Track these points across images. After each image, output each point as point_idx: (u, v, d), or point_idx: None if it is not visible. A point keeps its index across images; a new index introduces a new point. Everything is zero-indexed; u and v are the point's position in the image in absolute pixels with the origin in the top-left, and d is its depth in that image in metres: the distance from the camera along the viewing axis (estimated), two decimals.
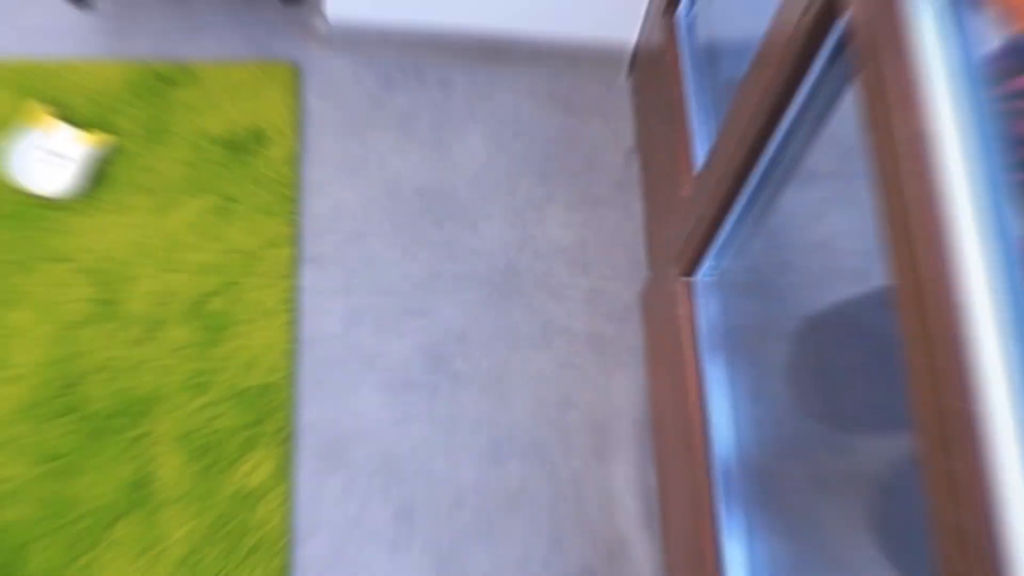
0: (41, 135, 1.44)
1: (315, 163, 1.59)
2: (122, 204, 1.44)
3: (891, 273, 0.68)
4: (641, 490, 1.35)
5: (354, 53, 1.68)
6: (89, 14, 1.55)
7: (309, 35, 1.69)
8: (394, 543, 1.26)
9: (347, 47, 1.67)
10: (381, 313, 1.45)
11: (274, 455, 1.28)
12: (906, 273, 0.66)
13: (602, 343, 1.41)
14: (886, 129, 0.69)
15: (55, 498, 1.26)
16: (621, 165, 1.54)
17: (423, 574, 1.25)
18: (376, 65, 1.66)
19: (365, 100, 1.64)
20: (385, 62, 1.46)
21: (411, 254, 1.36)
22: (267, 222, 1.47)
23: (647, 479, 1.38)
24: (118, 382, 1.30)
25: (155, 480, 1.27)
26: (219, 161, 1.53)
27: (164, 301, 1.36)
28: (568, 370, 1.39)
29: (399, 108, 1.47)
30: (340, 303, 1.48)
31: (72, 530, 1.23)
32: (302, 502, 1.29)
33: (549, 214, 1.48)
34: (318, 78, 1.64)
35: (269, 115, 1.59)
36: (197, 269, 1.40)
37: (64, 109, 1.52)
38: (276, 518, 1.25)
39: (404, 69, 1.47)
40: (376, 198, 1.55)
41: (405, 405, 1.35)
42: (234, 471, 1.28)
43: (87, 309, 1.35)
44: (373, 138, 1.61)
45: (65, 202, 1.45)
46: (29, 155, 1.42)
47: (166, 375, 1.31)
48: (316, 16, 1.64)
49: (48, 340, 1.31)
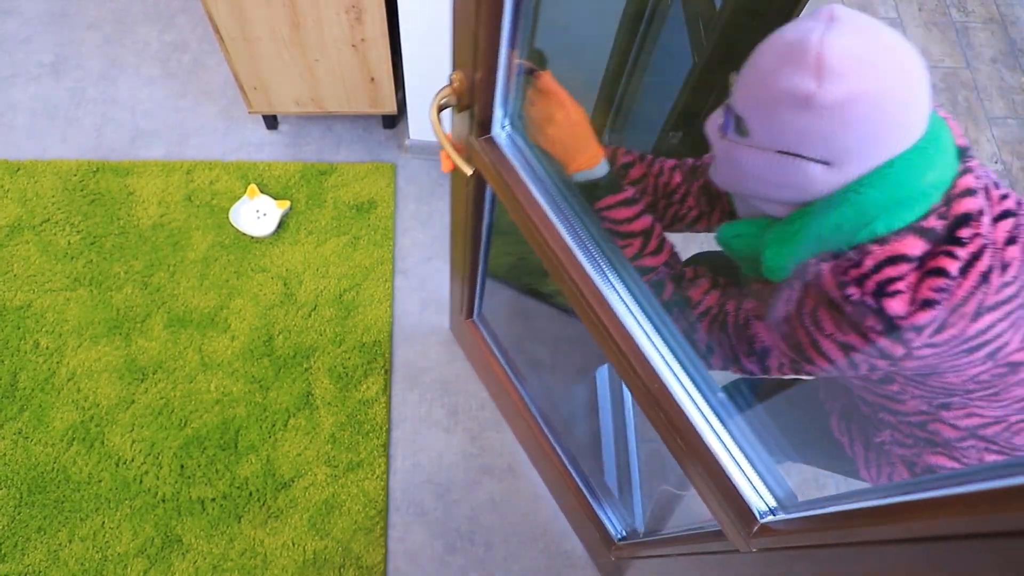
0: (253, 201, 1.84)
1: (403, 217, 1.91)
2: (296, 240, 1.85)
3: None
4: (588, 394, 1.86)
5: (424, 157, 1.99)
6: (276, 133, 1.98)
7: (400, 147, 2.00)
8: (446, 429, 1.68)
9: (420, 153, 1.98)
10: (440, 304, 1.82)
11: (380, 380, 1.70)
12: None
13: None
14: (529, 230, 0.86)
15: (258, 403, 1.67)
16: None
17: (462, 446, 1.66)
18: (435, 164, 1.99)
19: (429, 182, 1.97)
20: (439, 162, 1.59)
21: None
22: (377, 250, 1.85)
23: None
24: (293, 338, 1.73)
25: (314, 394, 1.69)
26: (350, 216, 1.89)
27: (320, 293, 1.79)
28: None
29: (448, 186, 1.63)
30: (416, 297, 1.82)
31: (268, 421, 1.65)
32: (395, 406, 1.69)
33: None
34: (405, 170, 1.97)
35: (378, 191, 1.93)
36: (338, 276, 1.81)
37: (265, 187, 1.92)
38: (381, 415, 1.67)
39: None
40: (438, 237, 1.90)
41: (452, 352, 1.75)
42: (357, 389, 1.69)
43: (276, 298, 1.78)
44: (435, 203, 1.94)
45: (265, 239, 1.85)
46: (246, 213, 1.82)
47: (320, 335, 1.74)
48: (404, 137, 1.97)
49: (254, 315, 1.75)
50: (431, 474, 1.66)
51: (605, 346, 0.79)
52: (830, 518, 0.58)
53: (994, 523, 0.38)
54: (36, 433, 1.65)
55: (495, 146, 0.83)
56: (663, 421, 0.75)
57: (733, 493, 0.71)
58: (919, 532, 0.45)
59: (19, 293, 1.79)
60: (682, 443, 0.74)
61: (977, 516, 0.40)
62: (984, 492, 0.41)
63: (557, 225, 0.80)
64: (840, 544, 0.56)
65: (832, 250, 0.71)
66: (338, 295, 1.81)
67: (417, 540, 1.61)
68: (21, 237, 1.85)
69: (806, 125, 0.65)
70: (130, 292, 1.80)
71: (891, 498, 0.50)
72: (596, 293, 0.78)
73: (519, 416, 1.53)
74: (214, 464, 1.65)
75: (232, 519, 1.60)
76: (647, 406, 0.77)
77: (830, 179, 0.68)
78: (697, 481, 0.75)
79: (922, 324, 0.68)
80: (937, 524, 0.43)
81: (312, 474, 1.63)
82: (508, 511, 1.64)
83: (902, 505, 0.48)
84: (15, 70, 2.08)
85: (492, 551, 1.61)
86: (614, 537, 1.37)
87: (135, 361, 1.73)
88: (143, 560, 1.55)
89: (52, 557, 1.54)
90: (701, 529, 0.84)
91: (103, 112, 2.02)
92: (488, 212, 1.03)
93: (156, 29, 2.16)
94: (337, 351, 1.75)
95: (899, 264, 0.67)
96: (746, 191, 0.77)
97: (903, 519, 0.47)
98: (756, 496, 0.71)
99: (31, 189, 1.91)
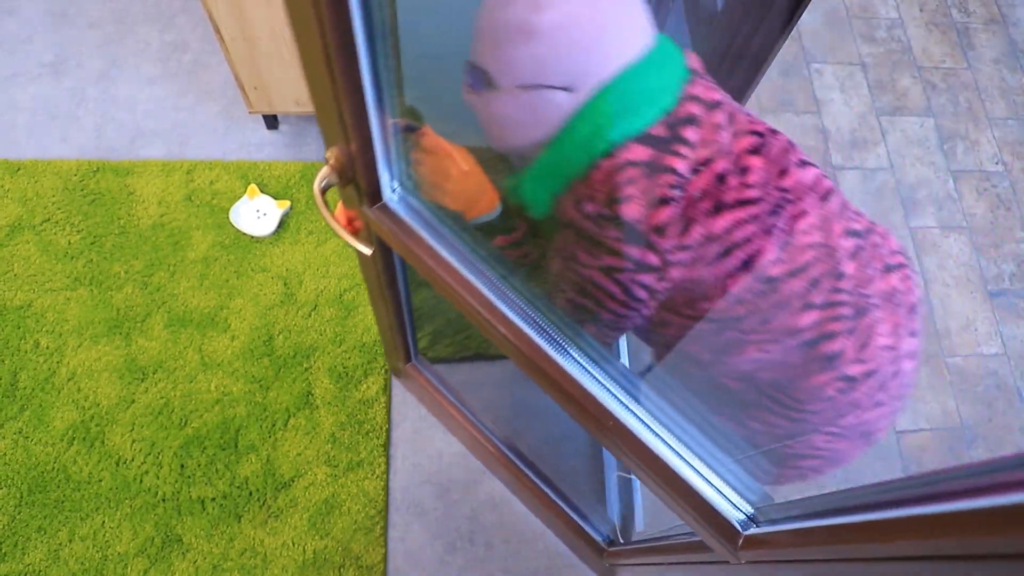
0: (253, 201, 1.85)
1: None
2: (297, 240, 1.85)
3: None
4: None
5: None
6: (277, 133, 1.99)
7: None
8: (447, 428, 1.68)
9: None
10: None
11: (380, 379, 1.71)
12: None
13: None
14: (441, 286, 0.89)
15: (258, 403, 1.68)
16: None
17: (462, 446, 1.66)
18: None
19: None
20: None
21: None
22: None
23: None
24: (293, 338, 1.74)
25: (314, 393, 1.69)
26: None
27: (320, 293, 1.80)
28: None
29: None
30: None
31: (268, 421, 1.66)
32: (395, 406, 1.70)
33: None
34: None
35: None
36: (339, 276, 1.82)
37: (265, 187, 1.92)
38: (381, 415, 1.68)
39: None
40: None
41: None
42: (358, 388, 1.70)
43: (277, 297, 1.78)
44: None
45: (265, 239, 1.85)
46: (246, 212, 1.83)
47: (320, 334, 1.75)
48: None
49: (255, 315, 1.75)
50: (431, 474, 1.67)
51: (548, 390, 0.78)
52: (817, 532, 0.57)
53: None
54: (36, 433, 1.66)
55: (389, 212, 0.81)
56: (616, 446, 0.73)
57: (706, 507, 0.70)
58: (912, 551, 0.44)
59: (19, 293, 1.80)
60: (639, 463, 0.72)
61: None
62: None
63: (468, 276, 0.78)
64: (836, 559, 0.55)
65: (576, 177, 0.74)
66: (338, 295, 1.83)
67: (417, 540, 1.62)
68: (21, 237, 1.86)
69: (535, 53, 0.69)
70: (130, 292, 1.81)
71: (882, 513, 0.49)
72: (522, 335, 0.75)
73: (482, 448, 1.53)
74: (214, 464, 1.65)
75: (232, 519, 1.60)
76: (597, 433, 0.76)
77: (573, 103, 0.72)
78: (670, 503, 0.74)
79: (662, 224, 0.70)
80: (932, 544, 0.42)
81: (312, 474, 1.65)
82: (508, 511, 1.65)
83: (893, 521, 0.47)
84: (15, 70, 2.09)
85: (492, 551, 1.62)
86: (600, 542, 1.37)
87: (135, 361, 1.74)
88: (143, 560, 1.56)
89: (52, 556, 1.55)
90: (693, 537, 0.83)
91: (103, 112, 2.03)
92: (400, 270, 1.02)
93: (156, 29, 2.17)
94: (337, 351, 1.76)
95: (626, 170, 0.71)
96: (512, 142, 0.79)
97: (896, 537, 0.46)
98: (730, 506, 0.70)
99: (31, 189, 1.92)
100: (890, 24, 2.38)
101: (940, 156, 2.16)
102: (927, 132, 2.20)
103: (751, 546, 0.68)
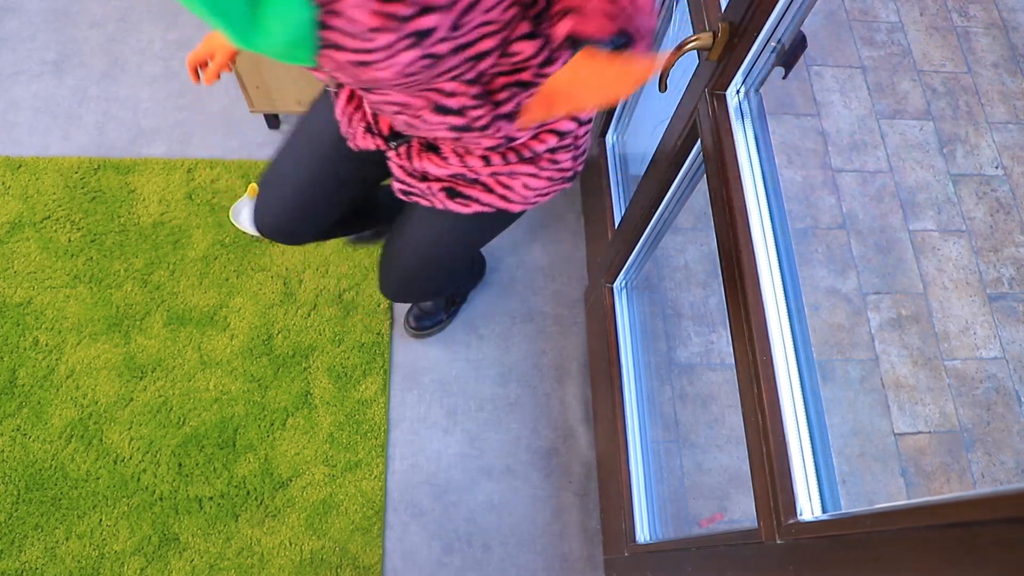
0: (253, 200, 1.66)
1: None
2: None
3: (724, 278, 0.92)
4: (582, 401, 1.76)
5: None
6: (278, 132, 1.98)
7: None
8: (445, 429, 1.69)
9: None
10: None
11: (379, 379, 1.71)
12: (731, 277, 0.89)
13: (561, 320, 1.84)
14: (722, 202, 0.90)
15: (257, 402, 1.68)
16: (574, 221, 1.95)
17: (461, 447, 1.67)
18: None
19: None
20: None
21: None
22: (377, 249, 1.83)
23: (586, 394, 1.75)
24: (292, 337, 1.73)
25: (312, 393, 1.69)
26: None
27: (320, 292, 1.79)
28: (542, 334, 1.83)
29: None
30: None
31: (266, 421, 1.65)
32: (394, 406, 1.69)
33: (533, 247, 1.92)
34: None
35: None
36: (338, 275, 1.81)
37: None
38: (379, 415, 1.68)
39: None
40: None
41: (452, 353, 1.77)
42: (356, 388, 1.70)
43: (276, 297, 1.78)
44: None
45: (265, 238, 1.67)
46: (246, 212, 1.63)
47: (320, 334, 1.74)
48: None
49: (254, 314, 1.75)
50: (429, 475, 1.67)
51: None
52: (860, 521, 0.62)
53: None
54: (34, 430, 1.65)
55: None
56: (753, 396, 0.80)
57: (787, 484, 0.75)
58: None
59: (19, 290, 1.80)
60: (762, 421, 0.78)
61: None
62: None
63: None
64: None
65: None
66: (338, 294, 1.83)
67: (415, 541, 1.62)
68: (22, 234, 1.86)
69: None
70: (130, 290, 1.81)
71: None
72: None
73: (613, 408, 1.54)
74: (212, 463, 1.65)
75: (229, 518, 1.60)
76: (743, 379, 0.82)
77: None
78: (756, 461, 0.80)
79: None
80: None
81: (310, 474, 1.64)
82: (506, 513, 1.65)
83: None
84: (18, 67, 2.09)
85: (490, 552, 1.61)
86: (637, 538, 1.38)
87: (134, 359, 1.73)
88: (140, 558, 1.56)
89: (49, 554, 1.55)
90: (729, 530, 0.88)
91: (105, 110, 2.04)
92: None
93: (160, 28, 2.17)
94: (336, 350, 1.76)
95: None
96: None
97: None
98: (806, 496, 0.75)
99: (32, 186, 1.92)
100: (890, 27, 2.38)
101: (940, 159, 2.16)
102: (927, 135, 2.20)
103: (793, 532, 0.73)
